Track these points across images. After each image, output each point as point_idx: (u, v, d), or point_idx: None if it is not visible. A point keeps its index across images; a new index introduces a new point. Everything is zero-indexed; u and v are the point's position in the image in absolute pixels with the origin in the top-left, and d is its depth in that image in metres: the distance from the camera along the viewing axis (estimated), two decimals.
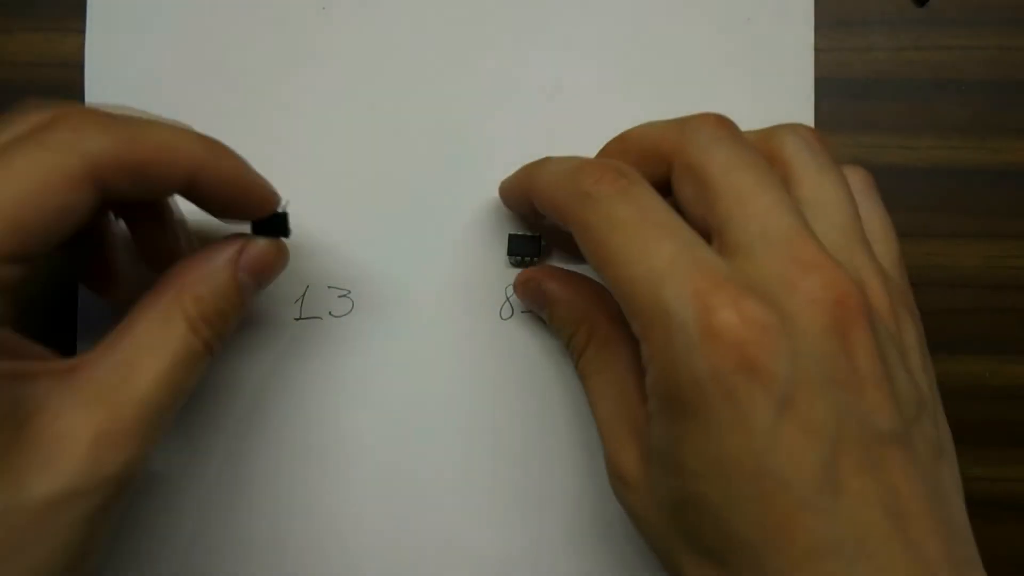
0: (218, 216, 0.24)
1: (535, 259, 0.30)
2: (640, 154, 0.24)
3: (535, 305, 0.28)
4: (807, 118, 0.30)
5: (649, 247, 0.20)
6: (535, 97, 0.30)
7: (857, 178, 0.24)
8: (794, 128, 0.24)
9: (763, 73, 0.30)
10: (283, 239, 0.25)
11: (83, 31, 0.30)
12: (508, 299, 0.30)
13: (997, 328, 0.30)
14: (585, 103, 0.30)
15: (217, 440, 0.29)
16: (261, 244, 0.24)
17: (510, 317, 0.30)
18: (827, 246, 0.20)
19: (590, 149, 0.30)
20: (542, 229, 0.29)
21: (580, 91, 0.30)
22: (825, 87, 0.30)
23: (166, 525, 0.29)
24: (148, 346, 0.22)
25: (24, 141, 0.19)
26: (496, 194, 0.30)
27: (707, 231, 0.22)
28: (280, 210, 0.25)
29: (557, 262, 0.30)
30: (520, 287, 0.29)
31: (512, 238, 0.29)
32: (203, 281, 0.23)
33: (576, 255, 0.28)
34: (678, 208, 0.23)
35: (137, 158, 0.20)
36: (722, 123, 0.23)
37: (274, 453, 0.29)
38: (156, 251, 0.25)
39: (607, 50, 0.30)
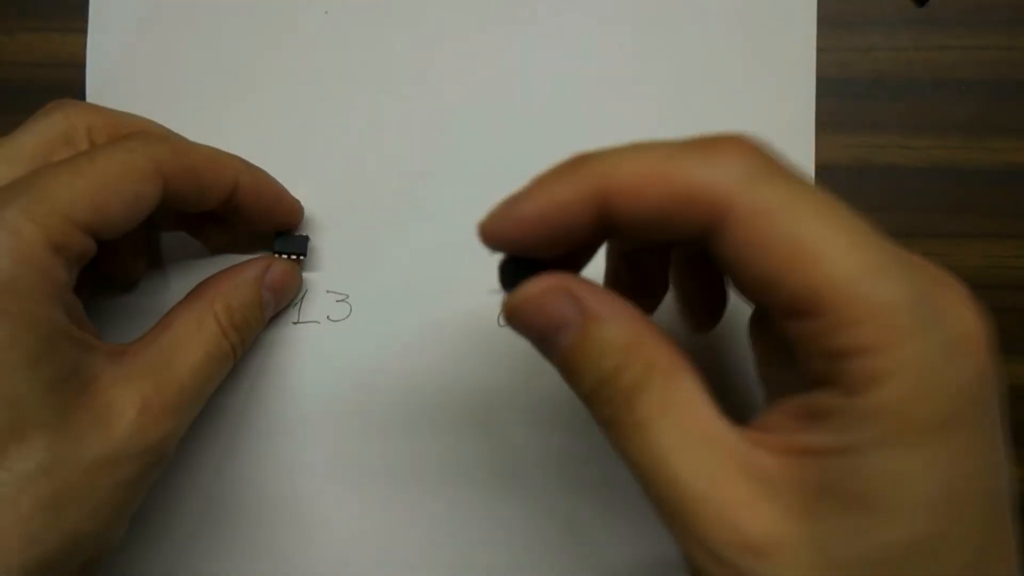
0: (251, 227, 0.28)
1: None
2: (674, 195, 0.17)
3: (549, 325, 0.19)
4: (808, 118, 0.30)
5: (858, 237, 0.17)
6: (536, 99, 0.30)
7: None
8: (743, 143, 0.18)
9: (764, 73, 0.30)
10: (300, 261, 0.29)
11: (84, 31, 0.30)
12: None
13: (997, 328, 0.30)
14: (586, 105, 0.30)
15: (215, 442, 0.30)
16: (282, 266, 0.28)
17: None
18: None
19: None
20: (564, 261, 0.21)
21: (581, 95, 0.30)
22: (825, 87, 0.30)
23: (163, 525, 0.29)
24: (185, 341, 0.25)
25: (105, 145, 0.24)
26: (497, 199, 0.29)
27: (775, 288, 0.17)
28: (302, 234, 0.29)
29: None
30: (534, 301, 0.19)
31: (505, 266, 0.21)
32: (233, 293, 0.27)
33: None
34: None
35: (192, 163, 0.25)
36: (755, 146, 0.18)
37: (270, 456, 0.29)
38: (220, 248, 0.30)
39: (608, 52, 0.30)
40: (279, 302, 0.29)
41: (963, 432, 0.16)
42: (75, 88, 0.30)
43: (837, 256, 0.16)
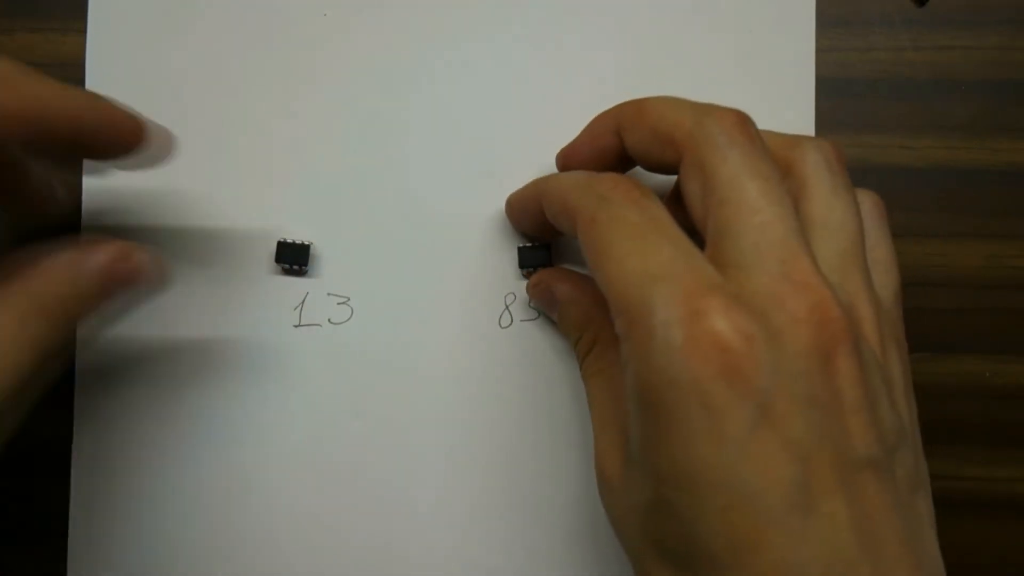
0: (92, 157, 0.24)
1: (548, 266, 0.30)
2: (653, 133, 0.23)
3: (546, 307, 0.29)
4: (807, 118, 0.30)
5: (647, 248, 0.20)
6: (536, 101, 0.30)
7: (868, 203, 0.24)
8: (819, 144, 0.23)
9: (764, 73, 0.30)
10: (302, 271, 0.29)
11: (83, 31, 0.30)
12: (507, 307, 0.30)
13: (997, 328, 0.30)
14: (586, 105, 0.30)
15: (215, 445, 0.29)
16: (138, 257, 0.23)
17: (509, 325, 0.30)
18: (825, 269, 0.20)
19: None
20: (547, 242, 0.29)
21: (581, 95, 0.30)
22: (825, 87, 0.30)
23: (161, 531, 0.29)
24: (8, 345, 0.21)
25: None
26: (497, 201, 0.30)
27: (702, 232, 0.22)
28: (303, 243, 0.29)
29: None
30: (532, 289, 0.29)
31: (521, 250, 0.29)
32: (63, 285, 0.22)
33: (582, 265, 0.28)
34: (677, 209, 0.23)
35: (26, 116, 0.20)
36: (742, 124, 0.22)
37: (271, 459, 0.29)
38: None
39: (609, 52, 0.30)
40: (130, 300, 0.24)
41: (691, 419, 0.19)
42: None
43: (617, 259, 0.21)
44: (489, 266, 0.30)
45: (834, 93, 0.30)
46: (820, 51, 0.30)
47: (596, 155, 0.26)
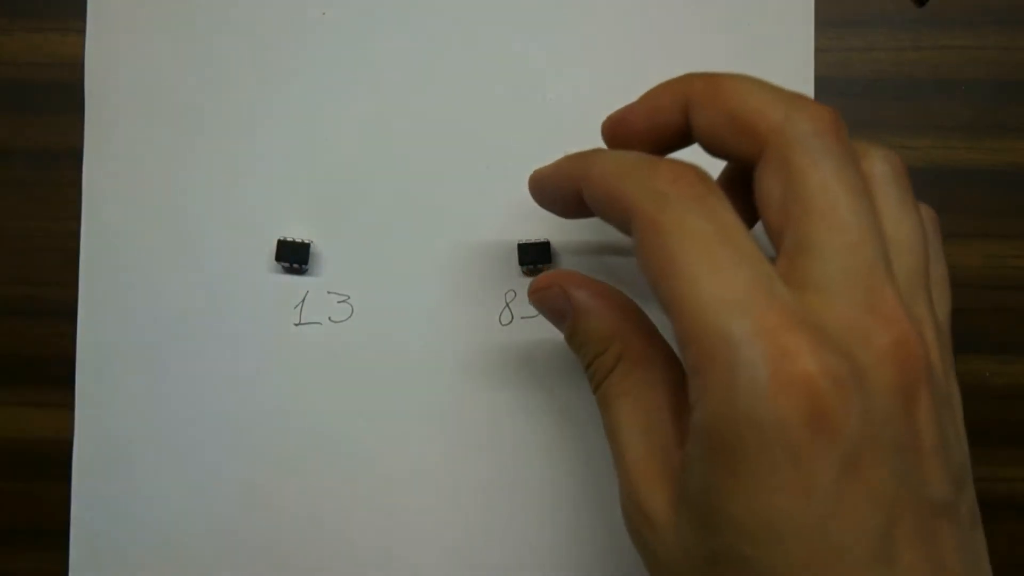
0: None
1: (547, 265, 0.29)
2: (731, 119, 0.21)
3: (553, 315, 0.25)
4: None
5: (724, 270, 0.18)
6: (535, 101, 0.30)
7: (927, 218, 0.23)
8: (886, 154, 0.22)
9: (763, 73, 0.30)
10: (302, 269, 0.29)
11: (83, 31, 0.30)
12: (508, 305, 0.30)
13: (997, 328, 0.30)
14: (586, 105, 0.30)
15: (215, 445, 0.29)
16: None
17: (510, 323, 0.30)
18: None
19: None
20: (566, 221, 0.28)
21: (581, 94, 0.30)
22: (825, 87, 0.30)
23: (161, 530, 0.29)
24: None
25: None
26: (497, 199, 0.30)
27: (776, 239, 0.20)
28: (303, 241, 0.29)
29: (568, 266, 0.30)
30: (537, 294, 0.25)
31: (522, 247, 0.29)
32: None
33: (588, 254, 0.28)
34: (740, 197, 0.21)
35: None
36: (837, 127, 0.20)
37: (271, 458, 0.29)
38: None
39: (608, 52, 0.30)
40: None
41: (774, 467, 0.17)
42: (74, 88, 0.30)
43: (690, 279, 0.18)
44: (489, 263, 0.30)
45: (834, 93, 0.30)
46: (820, 51, 0.30)
47: (653, 131, 0.23)
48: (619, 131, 0.24)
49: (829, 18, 0.30)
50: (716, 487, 0.18)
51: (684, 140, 0.23)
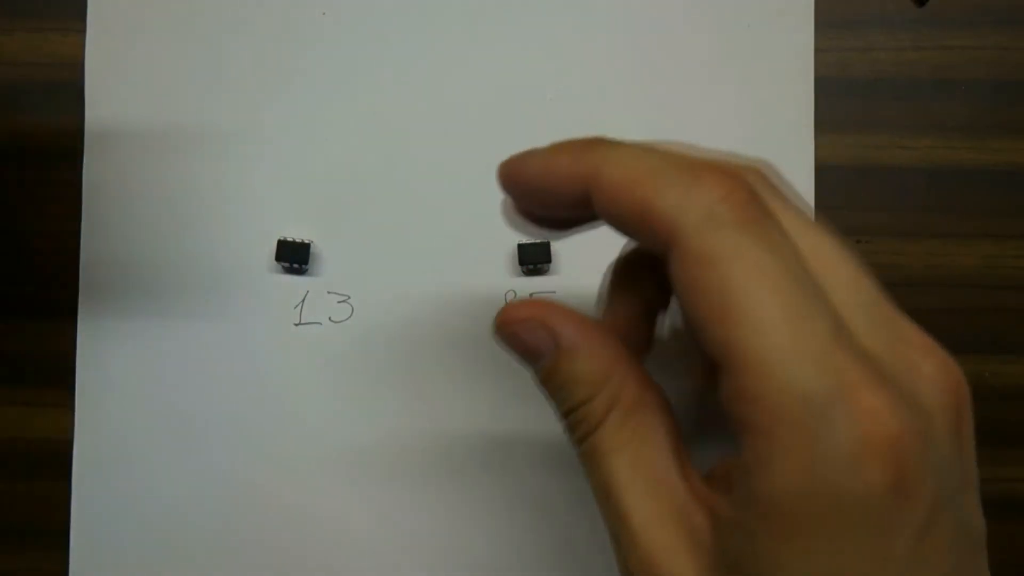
0: None
1: (548, 265, 0.29)
2: (629, 205, 0.17)
3: (526, 354, 0.21)
4: (807, 118, 0.30)
5: (799, 317, 0.16)
6: (535, 101, 0.30)
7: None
8: (761, 173, 0.19)
9: (763, 73, 0.30)
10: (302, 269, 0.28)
11: (83, 31, 0.30)
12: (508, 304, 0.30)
13: (997, 328, 0.30)
14: (587, 106, 0.30)
15: (215, 444, 0.29)
16: None
17: None
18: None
19: None
20: (544, 232, 0.22)
21: (581, 94, 0.30)
22: (825, 87, 0.30)
23: (161, 530, 0.29)
24: None
25: None
26: (497, 199, 0.29)
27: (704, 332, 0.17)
28: (303, 241, 0.28)
29: (568, 274, 0.30)
30: (509, 328, 0.21)
31: (522, 247, 0.29)
32: None
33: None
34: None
35: None
36: (737, 197, 0.17)
37: (271, 457, 0.29)
38: None
39: (608, 52, 0.30)
40: None
41: (851, 538, 0.16)
42: (74, 88, 0.30)
43: (758, 325, 0.16)
44: (489, 263, 0.30)
45: (834, 93, 0.30)
46: (820, 51, 0.30)
47: (548, 195, 0.19)
48: (519, 186, 0.20)
49: (829, 18, 0.30)
50: (776, 556, 0.16)
51: (585, 213, 0.19)
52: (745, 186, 0.17)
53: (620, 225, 0.18)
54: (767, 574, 0.16)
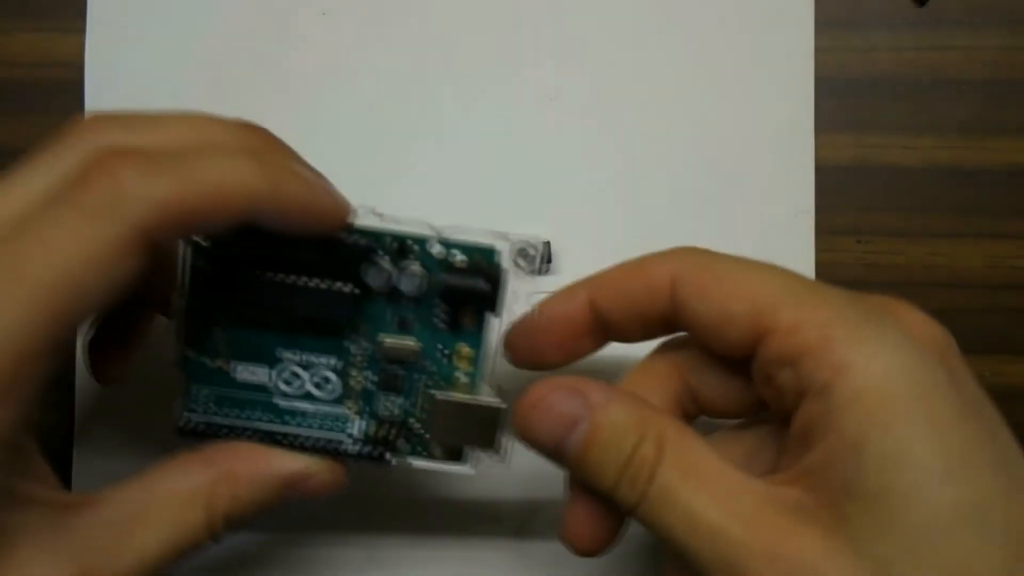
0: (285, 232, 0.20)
1: (547, 265, 0.29)
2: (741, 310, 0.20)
3: (560, 424, 0.20)
4: (807, 118, 0.30)
5: None
6: (535, 101, 0.30)
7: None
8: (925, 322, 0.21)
9: (764, 73, 0.30)
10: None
11: (83, 31, 0.30)
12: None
13: (997, 328, 0.30)
14: (586, 107, 0.30)
15: None
16: (326, 478, 0.22)
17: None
18: None
19: (591, 153, 0.30)
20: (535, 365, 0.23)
21: (581, 95, 0.30)
22: (825, 87, 0.30)
23: None
24: (155, 520, 0.20)
25: (60, 206, 0.16)
26: (497, 199, 0.29)
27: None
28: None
29: (568, 274, 0.30)
30: (536, 407, 0.20)
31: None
32: (249, 484, 0.21)
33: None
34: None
35: (189, 208, 0.17)
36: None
37: None
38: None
39: (607, 53, 0.30)
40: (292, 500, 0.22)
41: (942, 407, 0.17)
42: (74, 88, 0.30)
43: (773, 290, 0.19)
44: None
45: (834, 93, 0.30)
46: (820, 51, 0.30)
47: (562, 337, 0.22)
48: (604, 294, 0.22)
49: (829, 18, 0.30)
50: (890, 447, 0.17)
51: (664, 327, 0.21)
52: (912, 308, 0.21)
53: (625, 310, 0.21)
54: (884, 475, 0.17)
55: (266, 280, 0.21)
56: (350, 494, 0.25)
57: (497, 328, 0.23)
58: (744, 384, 0.21)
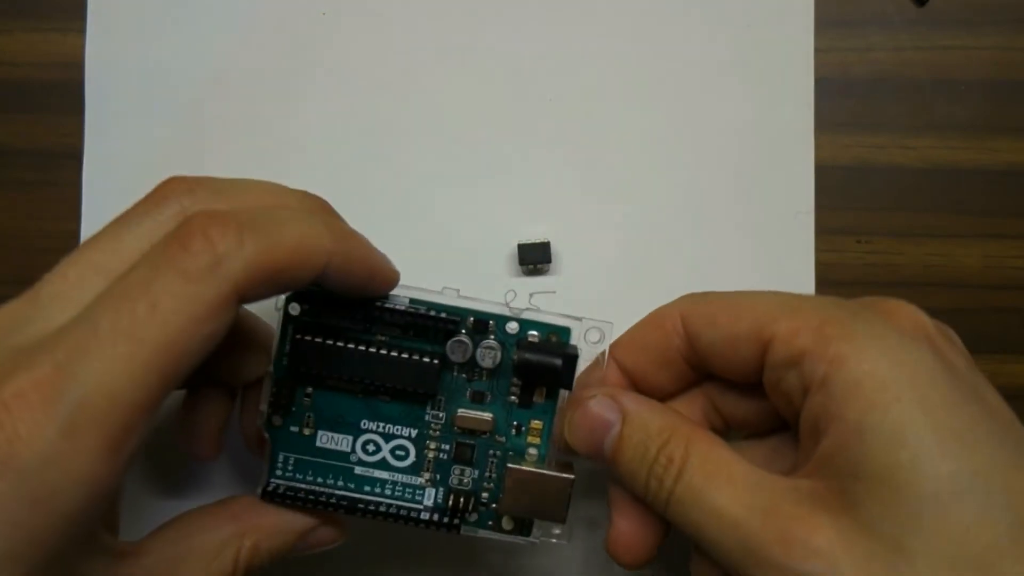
0: (339, 293, 0.23)
1: (548, 265, 0.29)
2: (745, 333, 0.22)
3: (596, 424, 0.23)
4: (807, 118, 0.30)
5: None
6: (535, 101, 0.30)
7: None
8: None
9: (763, 73, 0.30)
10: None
11: (83, 31, 0.30)
12: (507, 304, 0.30)
13: (997, 328, 0.30)
14: (586, 106, 0.30)
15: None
16: (331, 533, 0.24)
17: None
18: None
19: (591, 153, 0.30)
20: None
21: (582, 95, 0.30)
22: (825, 87, 0.30)
23: None
24: (192, 564, 0.22)
25: (164, 270, 0.18)
26: (496, 199, 0.29)
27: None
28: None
29: (568, 274, 0.30)
30: (583, 407, 0.23)
31: (522, 247, 0.29)
32: (271, 536, 0.23)
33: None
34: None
35: (275, 266, 0.19)
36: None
37: None
38: (240, 370, 0.24)
39: (608, 52, 0.30)
40: (303, 552, 0.25)
41: (932, 388, 0.19)
42: (74, 88, 0.30)
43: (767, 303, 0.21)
44: (489, 263, 0.30)
45: (834, 93, 0.30)
46: (820, 51, 0.30)
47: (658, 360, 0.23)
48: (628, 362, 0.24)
49: (829, 18, 0.30)
50: (890, 430, 0.18)
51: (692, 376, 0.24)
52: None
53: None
54: (888, 456, 0.18)
55: (355, 351, 0.23)
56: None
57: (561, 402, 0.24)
58: (762, 402, 0.23)
